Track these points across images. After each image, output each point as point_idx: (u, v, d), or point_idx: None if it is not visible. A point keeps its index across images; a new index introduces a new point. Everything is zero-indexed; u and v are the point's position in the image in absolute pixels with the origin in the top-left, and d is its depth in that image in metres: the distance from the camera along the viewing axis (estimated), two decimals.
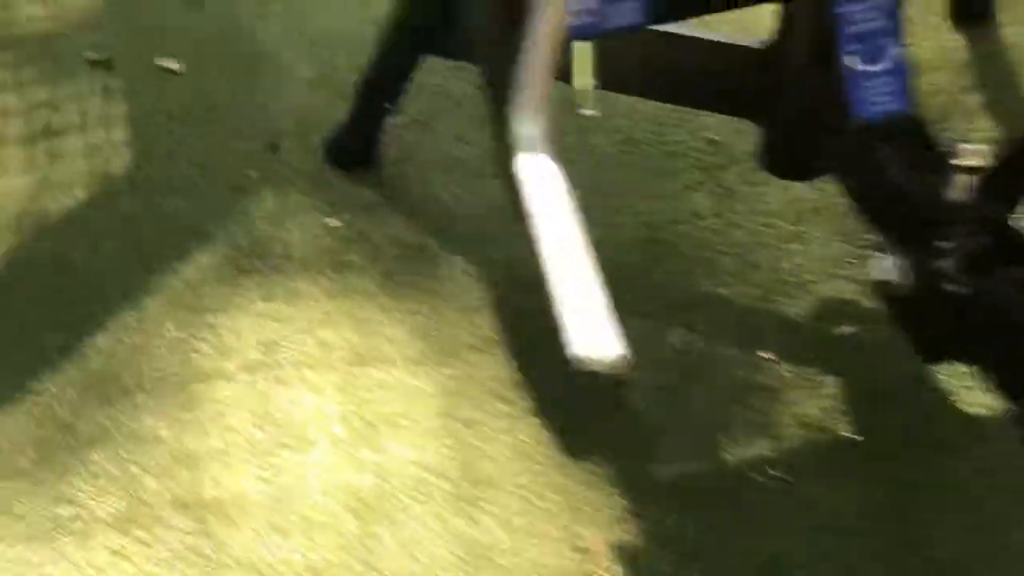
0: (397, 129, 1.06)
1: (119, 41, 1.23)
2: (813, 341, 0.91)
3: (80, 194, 1.06)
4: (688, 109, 1.01)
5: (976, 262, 0.58)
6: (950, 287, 0.59)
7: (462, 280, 0.95)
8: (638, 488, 0.79)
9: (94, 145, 1.10)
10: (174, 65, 1.19)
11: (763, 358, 0.87)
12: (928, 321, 0.64)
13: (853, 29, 0.66)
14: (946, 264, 0.59)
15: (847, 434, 0.82)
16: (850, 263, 0.95)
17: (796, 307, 0.93)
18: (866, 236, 0.85)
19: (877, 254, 0.66)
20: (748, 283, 0.95)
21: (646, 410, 0.86)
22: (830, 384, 0.86)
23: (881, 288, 0.66)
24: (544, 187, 0.73)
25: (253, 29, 1.25)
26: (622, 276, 0.78)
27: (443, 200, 1.03)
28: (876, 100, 0.66)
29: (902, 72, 0.67)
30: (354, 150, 1.05)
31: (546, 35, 0.67)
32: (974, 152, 0.62)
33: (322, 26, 1.22)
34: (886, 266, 0.64)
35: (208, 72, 1.19)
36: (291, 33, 1.23)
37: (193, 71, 1.19)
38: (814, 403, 0.85)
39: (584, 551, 0.75)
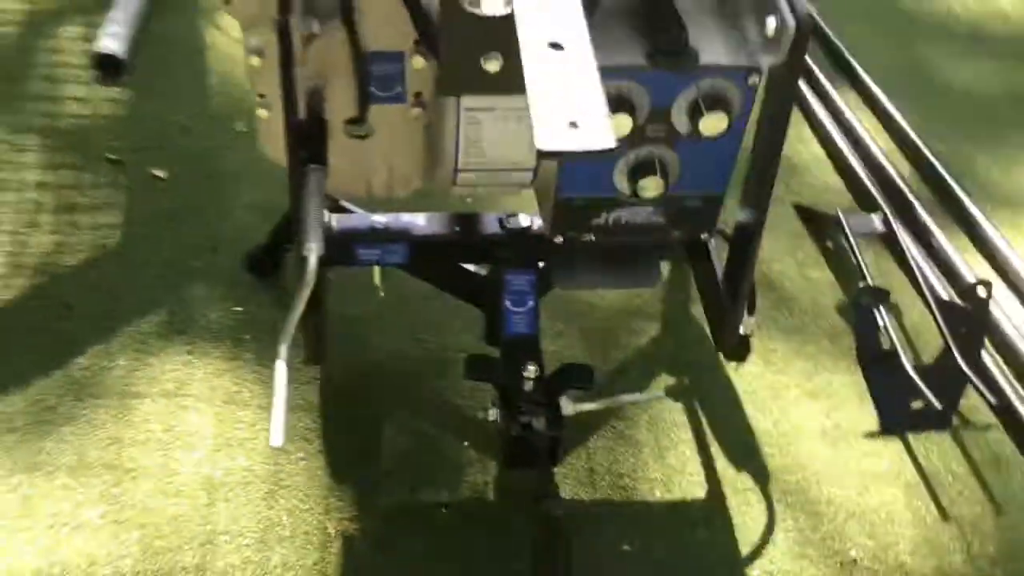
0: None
1: (128, 146, 1.81)
2: None
3: (84, 255, 1.63)
4: None
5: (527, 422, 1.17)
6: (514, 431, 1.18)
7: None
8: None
9: (103, 224, 1.68)
10: (161, 173, 1.77)
11: None
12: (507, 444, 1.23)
13: (511, 289, 1.24)
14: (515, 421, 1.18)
15: None
16: None
17: None
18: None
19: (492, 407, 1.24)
20: None
21: None
22: None
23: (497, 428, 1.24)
24: None
25: (226, 153, 1.83)
26: None
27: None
28: (513, 325, 1.24)
29: (533, 315, 1.25)
30: (264, 263, 1.62)
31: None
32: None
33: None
34: (492, 414, 1.22)
35: (184, 182, 1.76)
36: (252, 163, 1.80)
37: (173, 180, 1.76)
38: None
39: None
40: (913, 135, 1.94)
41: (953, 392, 1.50)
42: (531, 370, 1.19)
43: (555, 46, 0.72)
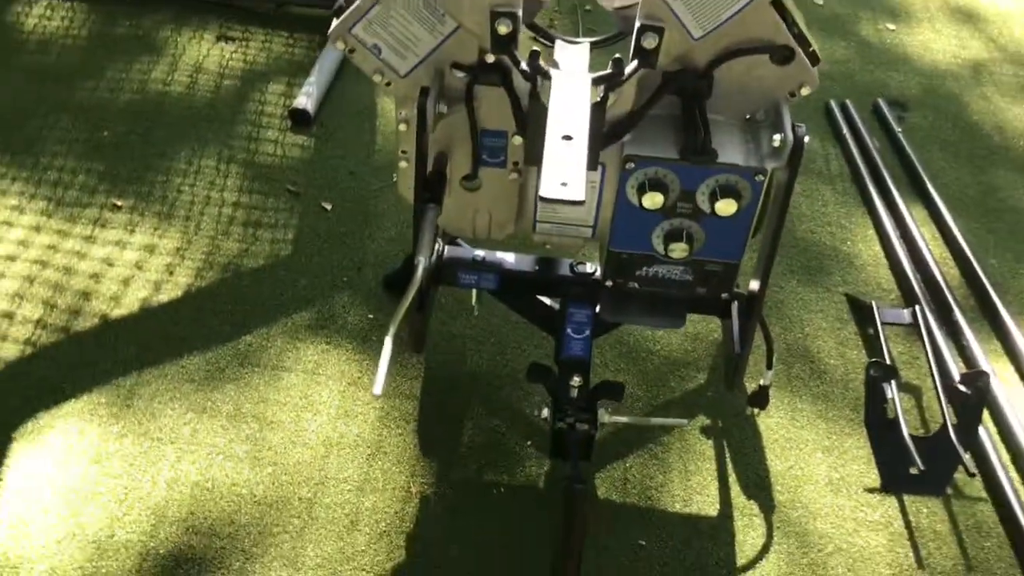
0: None
1: (306, 182, 2.29)
2: None
3: (261, 261, 2.09)
4: None
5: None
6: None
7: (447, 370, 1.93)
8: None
9: (279, 239, 2.14)
10: (328, 206, 2.23)
11: None
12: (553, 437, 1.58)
13: (572, 319, 1.60)
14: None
15: None
16: None
17: None
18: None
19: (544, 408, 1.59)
20: None
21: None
22: None
23: (547, 423, 1.59)
24: None
25: (379, 196, 2.28)
26: None
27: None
28: (571, 348, 1.59)
29: (588, 342, 1.60)
30: (397, 283, 2.03)
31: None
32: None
33: None
34: (544, 412, 1.57)
35: (344, 214, 2.21)
36: (397, 206, 2.24)
37: (336, 211, 2.22)
38: None
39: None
40: (966, 247, 2.20)
41: (948, 464, 1.74)
42: (576, 380, 1.54)
43: (567, 138, 1.09)
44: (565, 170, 1.04)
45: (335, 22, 1.39)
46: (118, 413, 1.77)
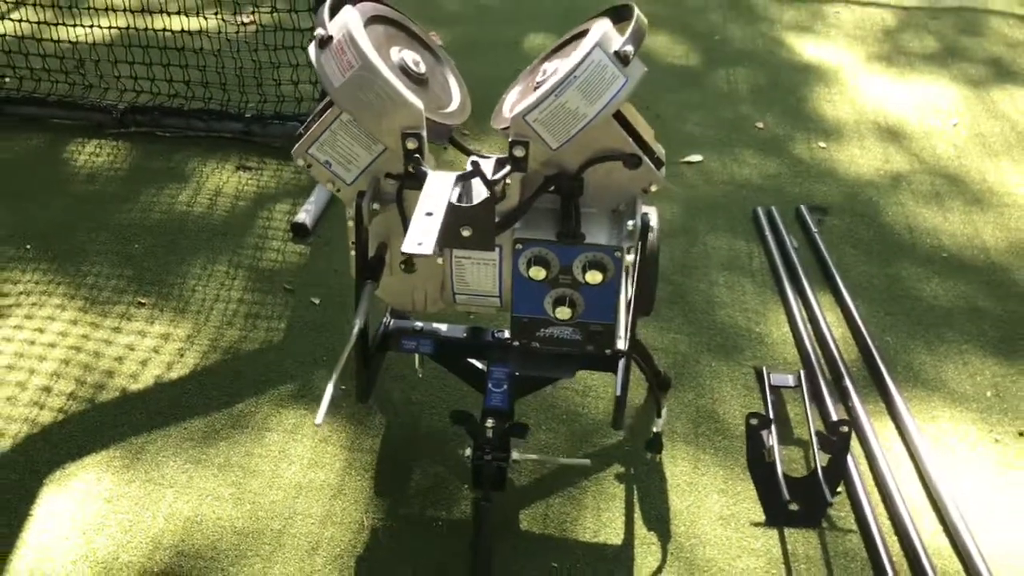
0: None
1: (300, 281, 2.72)
2: None
3: (257, 345, 2.50)
4: None
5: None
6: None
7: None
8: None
9: (273, 327, 2.56)
10: (316, 300, 2.65)
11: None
12: (473, 471, 1.92)
13: (493, 376, 1.97)
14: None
15: None
16: None
17: None
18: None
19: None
20: None
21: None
22: None
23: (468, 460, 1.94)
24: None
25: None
26: None
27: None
28: (492, 399, 1.95)
29: (506, 395, 1.96)
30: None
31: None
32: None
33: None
34: (467, 451, 1.93)
35: (330, 306, 2.63)
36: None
37: (323, 304, 2.64)
38: None
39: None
40: (862, 327, 2.54)
41: (820, 500, 2.05)
42: (490, 423, 1.90)
43: (429, 214, 1.50)
44: (422, 235, 1.44)
45: (296, 145, 1.83)
46: (129, 464, 2.15)
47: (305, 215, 2.94)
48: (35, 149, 3.27)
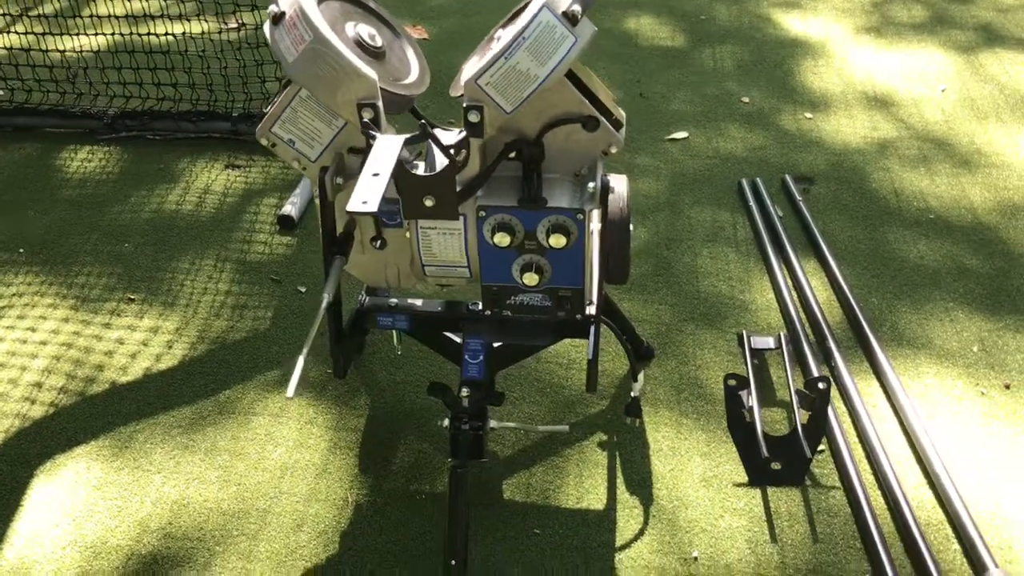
0: None
1: (286, 272, 2.75)
2: None
3: (244, 334, 2.53)
4: None
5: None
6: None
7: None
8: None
9: (260, 316, 2.59)
10: (303, 289, 2.68)
11: None
12: (451, 440, 1.94)
13: (469, 348, 1.99)
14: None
15: None
16: None
17: None
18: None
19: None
20: None
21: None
22: None
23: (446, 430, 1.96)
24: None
25: (346, 279, 2.72)
26: None
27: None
28: (469, 371, 1.97)
29: (482, 365, 1.97)
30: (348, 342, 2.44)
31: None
32: None
33: None
34: (445, 422, 1.94)
35: (314, 295, 2.65)
36: (356, 284, 2.68)
37: (309, 293, 2.66)
38: None
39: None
40: (847, 289, 2.53)
41: (801, 458, 2.04)
42: (465, 392, 1.91)
43: (375, 174, 1.52)
44: (368, 194, 1.46)
45: (259, 125, 1.85)
46: (118, 453, 2.18)
47: (291, 207, 2.97)
48: (28, 157, 3.32)
